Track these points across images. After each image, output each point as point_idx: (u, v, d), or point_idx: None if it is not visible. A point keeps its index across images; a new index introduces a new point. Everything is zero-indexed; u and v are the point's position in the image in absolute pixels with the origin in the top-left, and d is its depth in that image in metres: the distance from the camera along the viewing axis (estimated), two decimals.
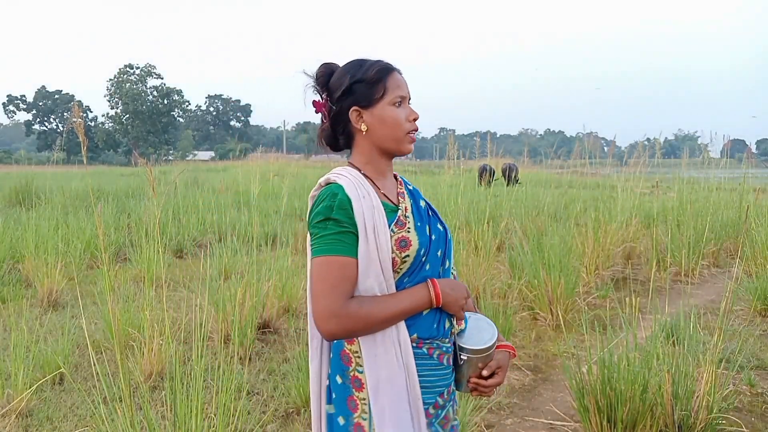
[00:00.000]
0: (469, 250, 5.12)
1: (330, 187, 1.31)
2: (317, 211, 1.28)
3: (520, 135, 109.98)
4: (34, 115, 72.65)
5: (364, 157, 1.39)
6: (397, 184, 1.45)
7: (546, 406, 3.34)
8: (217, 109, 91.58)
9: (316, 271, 1.26)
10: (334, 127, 1.40)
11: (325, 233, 1.26)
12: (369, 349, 1.27)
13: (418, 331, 1.32)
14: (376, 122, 1.35)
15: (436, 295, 1.30)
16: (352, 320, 1.23)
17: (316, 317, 1.24)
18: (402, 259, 1.30)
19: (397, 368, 1.27)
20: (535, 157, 26.44)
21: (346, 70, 1.38)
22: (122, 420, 2.22)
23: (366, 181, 1.34)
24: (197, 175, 16.86)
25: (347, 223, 1.26)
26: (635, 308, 3.04)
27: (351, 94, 1.35)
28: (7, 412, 3.07)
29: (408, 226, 1.33)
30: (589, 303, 5.01)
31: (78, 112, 2.73)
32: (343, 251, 1.25)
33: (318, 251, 1.26)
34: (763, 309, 4.83)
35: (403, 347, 1.28)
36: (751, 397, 3.37)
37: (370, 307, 1.24)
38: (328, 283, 1.23)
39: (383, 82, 1.35)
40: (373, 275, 1.26)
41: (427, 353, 1.33)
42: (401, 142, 1.37)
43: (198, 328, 2.72)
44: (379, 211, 1.29)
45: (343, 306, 1.22)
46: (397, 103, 1.36)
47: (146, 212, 6.78)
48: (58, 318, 4.69)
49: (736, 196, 8.17)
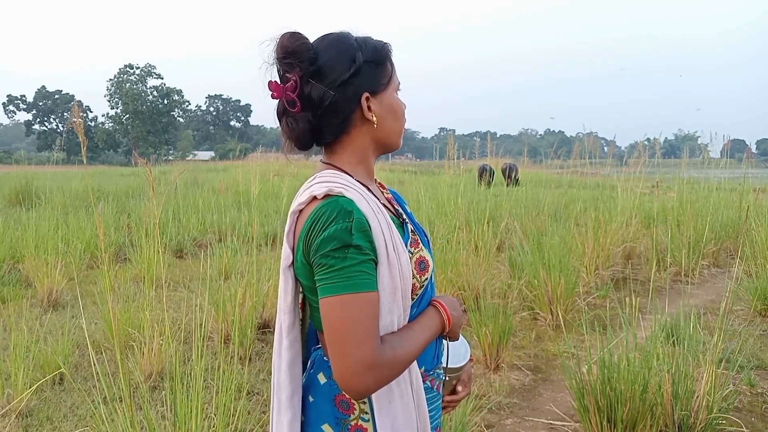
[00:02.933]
0: (469, 250, 5.12)
1: (337, 202, 1.01)
2: (329, 236, 0.99)
3: (520, 135, 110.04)
4: (34, 115, 72.70)
5: (357, 155, 1.13)
6: (380, 189, 1.22)
7: (546, 406, 3.34)
8: (217, 109, 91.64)
9: (337, 315, 0.98)
10: (324, 119, 1.09)
11: (346, 264, 0.98)
12: (383, 394, 1.06)
13: (425, 364, 1.15)
14: (385, 112, 1.12)
15: (448, 319, 1.13)
16: (390, 369, 0.99)
17: (347, 374, 0.97)
18: (422, 284, 1.10)
19: (413, 412, 1.09)
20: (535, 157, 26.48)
21: (349, 45, 1.10)
22: (122, 420, 2.22)
23: (366, 191, 1.09)
24: (197, 175, 16.86)
25: (368, 249, 1.00)
26: (635, 308, 3.04)
27: (361, 76, 1.09)
28: (7, 412, 3.07)
29: (420, 244, 1.13)
30: (589, 303, 5.01)
31: (78, 112, 2.73)
32: (369, 286, 1.00)
33: (338, 288, 0.98)
34: (763, 309, 4.83)
35: (415, 387, 1.10)
36: (751, 397, 3.37)
37: (401, 348, 1.02)
38: (360, 329, 0.97)
39: (391, 62, 1.14)
40: (396, 308, 1.04)
41: (431, 386, 1.17)
42: (401, 135, 1.18)
43: (198, 328, 2.72)
44: (393, 228, 1.07)
45: (379, 354, 0.98)
46: (398, 91, 1.17)
47: (146, 212, 6.77)
48: (58, 318, 4.69)
49: (736, 196, 8.17)
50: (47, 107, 72.20)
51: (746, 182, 8.07)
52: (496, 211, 6.97)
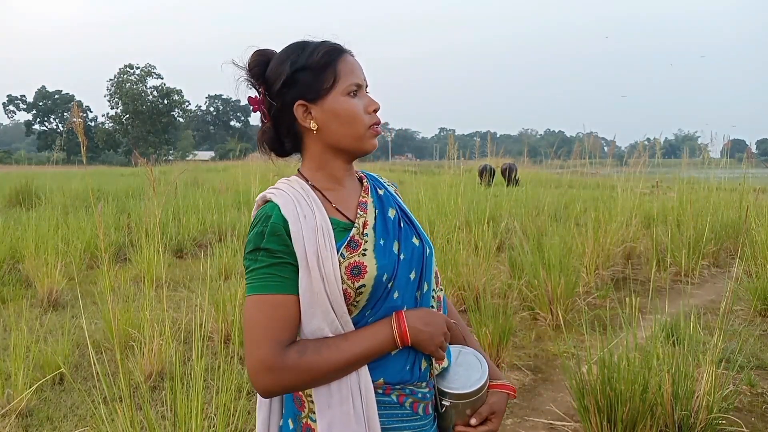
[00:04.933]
0: (469, 250, 5.12)
1: (264, 208, 1.07)
2: (248, 239, 1.05)
3: (520, 135, 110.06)
4: (34, 115, 72.71)
5: (314, 162, 1.14)
6: (361, 191, 1.18)
7: (546, 406, 3.34)
8: (217, 109, 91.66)
9: (246, 315, 1.02)
10: (277, 128, 1.14)
11: (256, 267, 1.02)
12: (322, 397, 1.04)
13: (385, 375, 1.08)
14: (328, 118, 1.10)
15: (401, 333, 1.05)
16: (292, 374, 1.00)
17: (250, 371, 1.01)
18: (356, 291, 1.05)
19: (355, 423, 1.03)
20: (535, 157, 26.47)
21: (285, 55, 1.11)
22: (122, 420, 2.22)
23: (313, 194, 1.10)
24: (197, 175, 16.86)
25: (282, 252, 1.02)
26: (635, 308, 3.04)
27: (294, 85, 1.09)
28: (7, 412, 3.07)
29: (364, 247, 1.07)
30: (589, 303, 5.01)
31: (78, 112, 2.73)
32: (277, 288, 1.01)
33: (249, 289, 1.03)
34: (763, 309, 4.83)
35: (363, 395, 1.04)
36: (751, 397, 3.37)
37: (315, 355, 1.00)
38: (261, 329, 1.00)
39: (333, 67, 1.10)
40: (320, 313, 1.03)
41: (396, 402, 1.09)
42: (362, 138, 1.12)
43: (198, 328, 2.72)
44: (325, 232, 1.04)
45: (279, 357, 0.99)
46: (352, 93, 1.11)
47: (146, 212, 6.77)
48: (58, 318, 4.69)
49: (736, 196, 8.17)
50: (47, 107, 72.21)
51: (746, 182, 8.07)
52: (496, 211, 6.97)
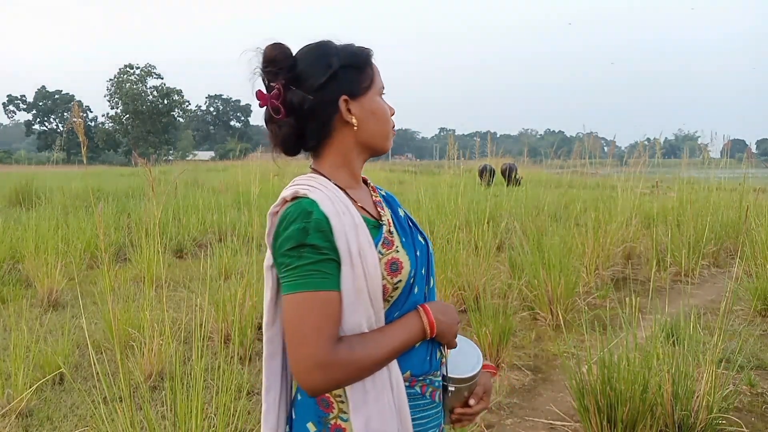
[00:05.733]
0: (469, 250, 5.12)
1: (300, 204, 1.05)
2: (287, 235, 1.02)
3: (520, 135, 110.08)
4: (34, 115, 72.71)
5: (339, 158, 1.16)
6: (371, 191, 1.22)
7: (546, 406, 3.34)
8: (217, 109, 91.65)
9: (293, 313, 1.01)
10: (306, 123, 1.13)
11: (301, 263, 1.01)
12: (357, 394, 1.05)
13: (412, 368, 1.12)
14: (366, 115, 1.13)
15: (430, 325, 1.11)
16: (343, 370, 1.00)
17: (299, 370, 1.00)
18: (394, 286, 1.09)
19: (390, 416, 1.06)
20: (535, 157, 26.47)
21: (326, 51, 1.13)
22: (122, 420, 2.22)
23: (341, 193, 1.10)
24: (197, 175, 16.87)
25: (327, 249, 1.02)
26: (635, 308, 3.04)
27: (339, 80, 1.11)
28: (7, 412, 3.08)
29: (396, 245, 1.11)
30: (589, 303, 5.01)
31: (78, 112, 2.74)
32: (325, 285, 1.01)
33: (293, 286, 1.02)
34: (763, 309, 4.83)
35: (396, 390, 1.08)
36: (751, 397, 3.37)
37: (362, 350, 1.02)
38: (311, 326, 1.00)
39: (371, 67, 1.16)
40: (363, 309, 1.04)
41: (420, 392, 1.14)
42: (388, 138, 1.18)
43: (198, 328, 2.72)
44: (363, 229, 1.06)
45: (331, 353, 0.99)
46: (382, 94, 1.18)
47: (146, 212, 6.77)
48: (58, 318, 4.69)
49: (736, 196, 8.17)
50: (47, 107, 72.21)
51: (746, 182, 8.07)
52: (496, 211, 6.97)
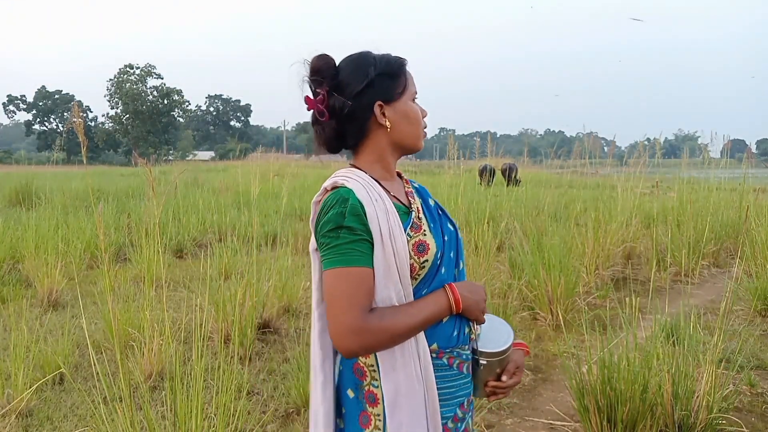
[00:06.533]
0: (469, 250, 5.12)
1: (338, 192, 1.21)
2: (327, 219, 1.18)
3: (520, 135, 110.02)
4: (34, 115, 72.66)
5: (374, 155, 1.31)
6: (404, 183, 1.39)
7: (546, 406, 3.34)
8: (217, 109, 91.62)
9: (331, 285, 1.17)
10: (346, 125, 1.29)
11: (338, 243, 1.17)
12: (387, 362, 1.20)
13: (438, 341, 1.26)
14: (399, 118, 1.29)
15: (455, 301, 1.24)
16: (374, 335, 1.15)
17: (336, 335, 1.15)
18: (420, 265, 1.23)
19: (416, 382, 1.20)
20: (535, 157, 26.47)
21: (364, 61, 1.28)
22: (122, 420, 2.22)
23: (375, 183, 1.26)
24: (197, 175, 16.85)
25: (361, 230, 1.17)
26: (635, 308, 3.04)
27: (374, 87, 1.27)
28: (7, 412, 3.07)
29: (423, 229, 1.26)
30: (589, 303, 5.01)
31: (78, 112, 2.73)
32: (359, 261, 1.16)
33: (331, 263, 1.17)
34: (763, 309, 4.83)
35: (422, 360, 1.21)
36: (751, 397, 3.37)
37: (392, 319, 1.16)
38: (346, 297, 1.15)
39: (404, 75, 1.31)
40: (392, 284, 1.19)
41: (447, 364, 1.27)
42: (419, 138, 1.34)
43: (198, 328, 2.72)
44: (393, 214, 1.21)
45: (363, 321, 1.14)
46: (415, 99, 1.34)
47: (146, 212, 6.77)
48: (58, 318, 4.69)
49: (736, 196, 8.17)
50: (47, 107, 72.15)
51: (746, 182, 8.07)
52: (496, 211, 6.97)
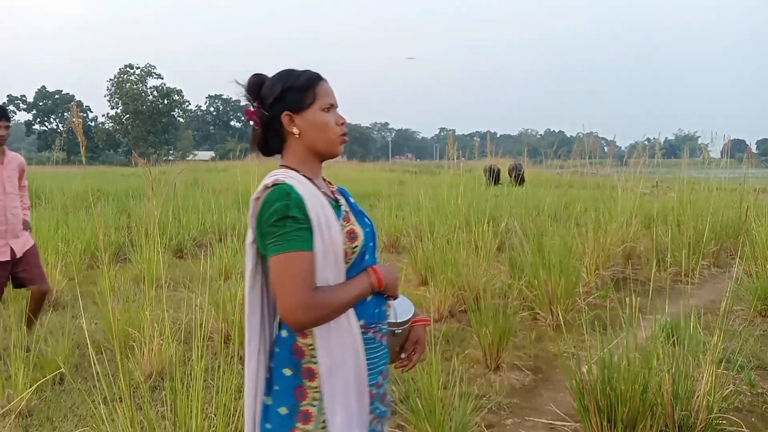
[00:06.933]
0: (469, 250, 5.11)
1: (281, 188, 1.38)
2: (273, 210, 1.34)
3: (520, 135, 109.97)
4: (34, 115, 72.59)
5: (297, 158, 1.48)
6: (328, 184, 1.55)
7: (546, 406, 3.34)
8: (217, 109, 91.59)
9: (281, 268, 1.33)
10: (267, 132, 1.49)
11: (285, 231, 1.33)
12: (323, 337, 1.37)
13: (366, 317, 1.44)
14: (307, 126, 1.46)
15: (378, 280, 1.43)
16: (319, 309, 1.32)
17: (288, 310, 1.32)
18: (352, 250, 1.41)
19: (348, 354, 1.38)
20: (535, 157, 26.48)
21: (277, 78, 1.48)
22: (122, 420, 2.22)
23: (308, 182, 1.43)
24: (197, 175, 16.85)
25: (303, 220, 1.34)
26: (635, 308, 3.04)
27: (283, 100, 1.45)
28: (7, 412, 3.07)
29: (352, 220, 1.45)
30: (590, 303, 5.00)
31: (77, 112, 2.73)
32: (304, 246, 1.33)
33: (279, 248, 1.33)
34: (763, 309, 4.83)
35: (353, 334, 1.40)
36: (752, 397, 3.37)
37: (331, 296, 1.35)
38: (294, 277, 1.31)
39: (313, 89, 1.47)
40: (329, 267, 1.37)
41: (372, 337, 1.46)
42: (332, 143, 1.48)
43: (198, 328, 2.72)
44: (327, 207, 1.40)
45: (312, 297, 1.32)
46: (326, 109, 1.47)
47: (146, 212, 6.77)
48: (58, 318, 4.69)
49: (736, 196, 8.16)
50: (47, 107, 72.09)
51: (746, 182, 8.07)
52: (496, 211, 6.97)
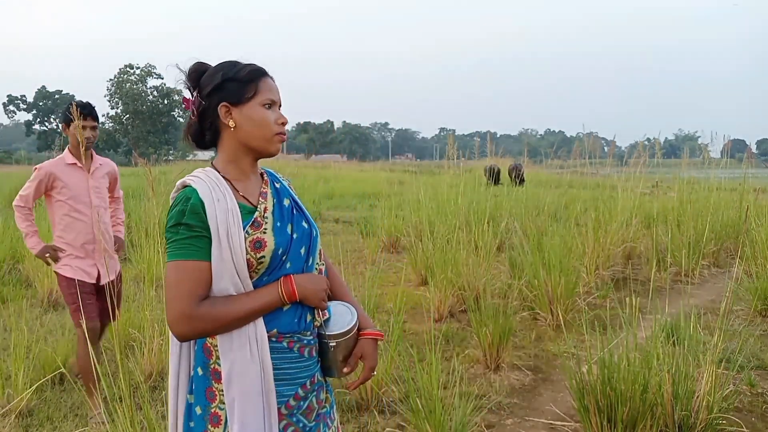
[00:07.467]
0: (469, 250, 5.11)
1: (184, 191, 1.33)
2: (170, 216, 1.30)
3: (520, 135, 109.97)
4: (34, 115, 72.59)
5: (228, 155, 1.41)
6: (262, 184, 1.45)
7: (546, 406, 3.34)
8: None
9: (168, 276, 1.29)
10: (202, 123, 1.41)
11: (177, 238, 1.29)
12: (224, 344, 1.31)
13: (279, 326, 1.36)
14: (244, 120, 1.37)
15: (289, 292, 1.34)
16: (203, 322, 1.27)
17: (169, 320, 1.28)
18: (258, 260, 1.33)
19: (251, 363, 1.31)
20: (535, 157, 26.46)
21: (219, 68, 1.41)
22: (122, 420, 2.22)
23: (224, 183, 1.35)
24: None
25: (199, 228, 1.28)
26: (635, 308, 3.04)
27: (221, 90, 1.38)
28: (7, 412, 3.08)
29: (264, 227, 1.35)
30: (590, 303, 5.00)
31: (76, 113, 2.73)
32: (194, 255, 1.28)
33: (170, 255, 1.29)
34: (763, 309, 4.82)
35: (259, 343, 1.32)
36: (752, 397, 3.37)
37: (222, 307, 1.28)
38: (179, 287, 1.27)
39: (255, 83, 1.39)
40: (227, 277, 1.29)
41: (287, 347, 1.37)
42: (269, 141, 1.40)
43: None
44: (233, 213, 1.31)
45: (193, 308, 1.26)
46: (266, 105, 1.39)
47: (146, 212, 6.76)
48: (58, 318, 4.69)
49: (736, 196, 8.16)
50: (47, 107, 72.09)
51: (746, 182, 8.07)
52: (496, 211, 6.96)
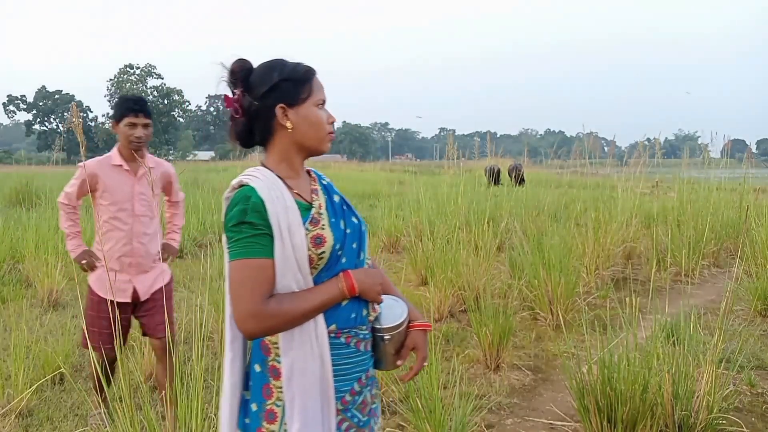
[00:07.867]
0: (469, 250, 5.11)
1: (243, 190, 1.34)
2: (231, 215, 1.32)
3: (520, 135, 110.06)
4: (34, 115, 72.64)
5: (280, 154, 1.42)
6: (311, 181, 1.48)
7: (546, 406, 3.34)
8: (218, 109, 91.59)
9: (233, 275, 1.30)
10: (252, 123, 1.41)
11: (241, 236, 1.30)
12: (286, 341, 1.33)
13: (337, 322, 1.38)
14: (300, 120, 1.39)
15: (349, 287, 1.36)
16: (272, 319, 1.29)
17: (237, 319, 1.30)
18: (318, 256, 1.35)
19: (311, 359, 1.33)
20: (535, 157, 26.49)
21: (272, 67, 1.41)
22: (122, 420, 2.22)
23: (279, 182, 1.37)
24: (197, 175, 16.86)
25: (262, 225, 1.30)
26: (635, 308, 3.04)
27: (277, 90, 1.38)
28: (7, 412, 3.08)
29: (322, 223, 1.38)
30: (590, 303, 5.00)
31: (76, 113, 2.72)
32: (259, 253, 1.29)
33: (234, 255, 1.31)
34: (763, 309, 4.82)
35: (319, 339, 1.34)
36: (752, 397, 3.37)
37: (289, 304, 1.30)
38: (246, 285, 1.28)
39: (310, 83, 1.41)
40: (290, 274, 1.32)
41: (345, 342, 1.39)
42: (322, 141, 1.43)
43: (198, 328, 2.72)
44: (293, 210, 1.34)
45: (262, 306, 1.28)
46: (320, 105, 1.42)
47: None
48: (58, 318, 4.69)
49: (736, 196, 8.16)
50: (47, 107, 72.11)
51: (746, 182, 8.07)
52: (496, 211, 6.96)
